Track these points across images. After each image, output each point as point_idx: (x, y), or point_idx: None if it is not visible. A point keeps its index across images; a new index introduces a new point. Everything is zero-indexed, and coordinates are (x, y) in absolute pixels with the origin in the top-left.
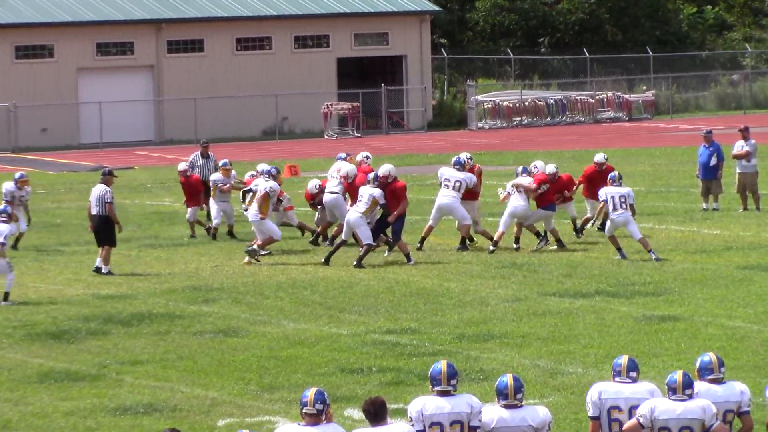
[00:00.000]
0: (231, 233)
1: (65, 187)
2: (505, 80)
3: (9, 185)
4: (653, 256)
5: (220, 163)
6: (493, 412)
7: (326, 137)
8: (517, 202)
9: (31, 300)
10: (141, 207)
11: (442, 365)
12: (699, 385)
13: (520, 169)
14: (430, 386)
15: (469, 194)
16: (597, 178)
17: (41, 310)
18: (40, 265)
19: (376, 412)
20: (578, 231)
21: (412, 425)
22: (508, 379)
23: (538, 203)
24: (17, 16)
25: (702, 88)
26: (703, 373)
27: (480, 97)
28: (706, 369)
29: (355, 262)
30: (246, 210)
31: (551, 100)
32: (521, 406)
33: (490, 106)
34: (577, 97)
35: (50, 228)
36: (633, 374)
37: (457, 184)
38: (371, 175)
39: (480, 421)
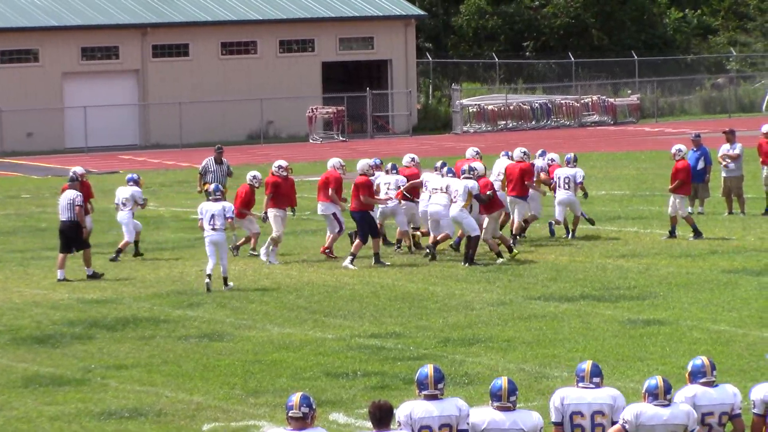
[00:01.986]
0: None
1: (50, 191)
2: (490, 84)
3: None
4: (569, 236)
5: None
6: (485, 414)
7: (311, 141)
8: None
9: (15, 304)
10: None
11: (428, 369)
12: (693, 389)
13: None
14: (417, 390)
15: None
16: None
17: (26, 315)
18: (25, 270)
19: (381, 417)
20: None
21: (401, 430)
22: (502, 381)
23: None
24: (2, 20)
25: (687, 92)
26: (696, 377)
27: (465, 101)
28: (698, 372)
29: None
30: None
31: (536, 104)
32: (514, 409)
33: (475, 110)
34: (562, 101)
35: (35, 232)
36: (596, 380)
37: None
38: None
39: (468, 424)
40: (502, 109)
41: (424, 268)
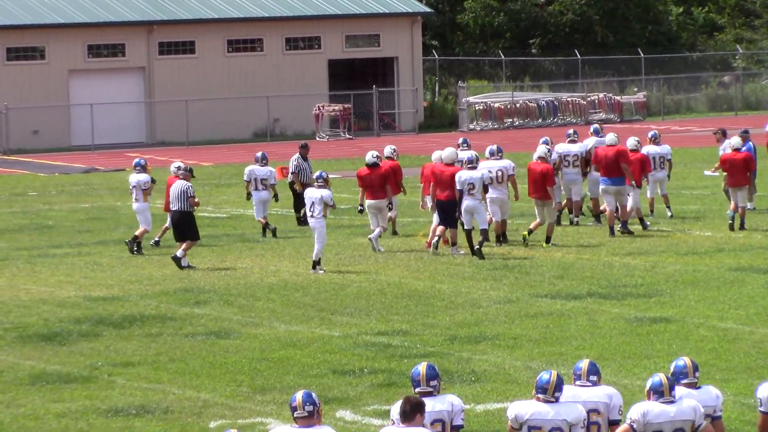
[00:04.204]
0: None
1: (57, 189)
2: (496, 82)
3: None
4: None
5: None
6: (528, 406)
7: (318, 139)
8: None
9: (22, 302)
10: (132, 209)
11: (421, 368)
12: (679, 390)
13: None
14: (412, 388)
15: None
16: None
17: (33, 312)
18: (32, 267)
19: (405, 410)
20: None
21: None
22: (551, 375)
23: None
24: (8, 17)
25: (693, 90)
26: (678, 378)
27: (471, 99)
28: (680, 373)
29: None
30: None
31: (542, 102)
32: (557, 401)
33: (481, 107)
34: (568, 99)
35: (42, 230)
36: (593, 378)
37: (499, 174)
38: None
39: (462, 419)
40: (509, 106)
41: (431, 266)
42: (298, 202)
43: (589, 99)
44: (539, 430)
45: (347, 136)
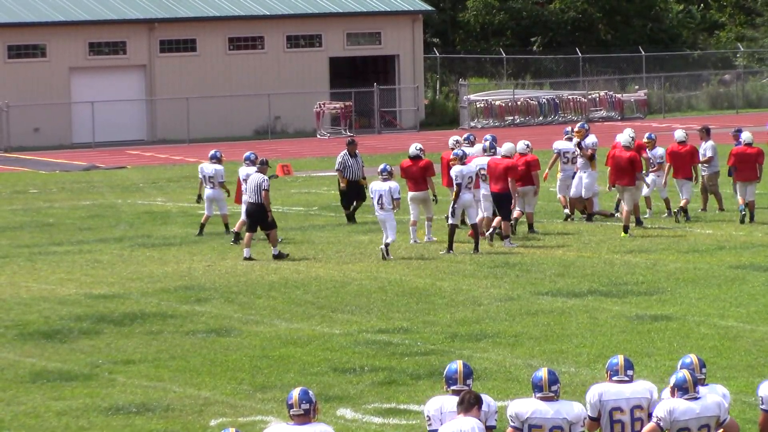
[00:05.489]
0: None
1: (57, 186)
2: (497, 80)
3: (206, 166)
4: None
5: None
6: (529, 404)
7: (319, 137)
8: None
9: (23, 299)
10: (133, 206)
11: (457, 365)
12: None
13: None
14: (445, 386)
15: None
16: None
17: (33, 310)
18: (33, 265)
19: (466, 400)
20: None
21: (430, 424)
22: (542, 372)
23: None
24: (9, 15)
25: (694, 88)
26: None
27: (472, 97)
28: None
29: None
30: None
31: (543, 100)
32: (557, 399)
33: (482, 105)
34: (569, 97)
35: (42, 227)
36: (630, 373)
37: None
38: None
39: (496, 420)
40: (510, 104)
41: (432, 264)
42: (345, 199)
43: (590, 97)
44: (540, 429)
45: (348, 133)
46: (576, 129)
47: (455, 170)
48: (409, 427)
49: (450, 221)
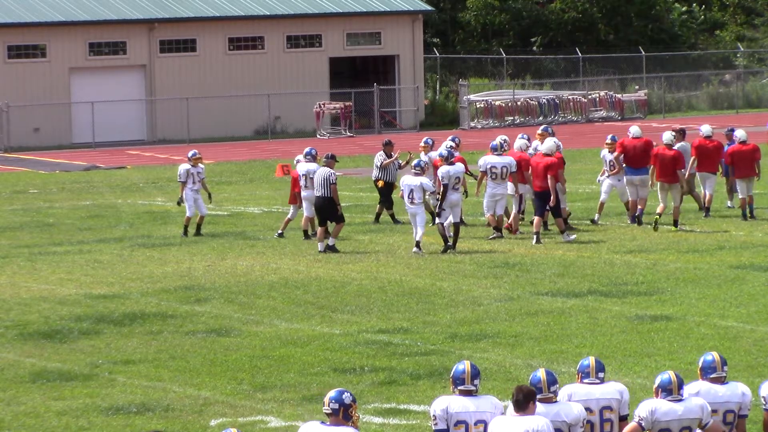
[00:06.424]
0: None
1: (57, 186)
2: (497, 80)
3: (185, 165)
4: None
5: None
6: None
7: (319, 137)
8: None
9: (23, 299)
10: (133, 206)
11: (465, 365)
12: (700, 384)
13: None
14: (452, 386)
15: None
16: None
17: (33, 310)
18: (33, 265)
19: (518, 399)
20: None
21: (435, 424)
22: (540, 373)
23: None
24: (9, 15)
25: (694, 88)
26: (707, 372)
27: (472, 97)
28: (708, 368)
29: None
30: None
31: (543, 100)
32: (556, 400)
33: (482, 105)
34: (569, 97)
35: (42, 227)
36: (601, 375)
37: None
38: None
39: None
40: (510, 104)
41: (432, 264)
42: (387, 200)
43: (590, 97)
44: None
45: (348, 133)
46: (539, 132)
47: (442, 171)
48: (409, 427)
49: (437, 221)
